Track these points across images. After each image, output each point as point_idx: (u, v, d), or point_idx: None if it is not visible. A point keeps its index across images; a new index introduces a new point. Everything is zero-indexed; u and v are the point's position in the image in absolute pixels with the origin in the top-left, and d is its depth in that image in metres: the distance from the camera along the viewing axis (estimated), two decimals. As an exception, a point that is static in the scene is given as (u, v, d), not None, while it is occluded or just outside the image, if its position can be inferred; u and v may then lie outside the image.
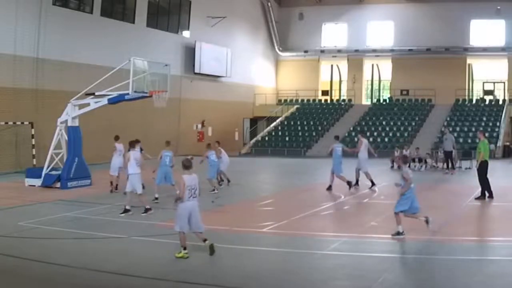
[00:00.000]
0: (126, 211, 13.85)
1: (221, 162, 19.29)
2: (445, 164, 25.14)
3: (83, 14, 28.19)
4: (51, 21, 25.72)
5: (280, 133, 39.74)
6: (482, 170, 16.11)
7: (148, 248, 10.51)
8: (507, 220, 13.13)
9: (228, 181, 19.85)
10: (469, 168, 24.85)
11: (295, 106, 43.43)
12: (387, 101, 43.21)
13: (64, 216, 13.63)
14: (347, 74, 45.17)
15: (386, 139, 36.31)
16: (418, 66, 41.42)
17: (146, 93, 18.92)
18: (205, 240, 9.91)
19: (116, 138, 18.54)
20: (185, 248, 9.69)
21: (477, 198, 16.07)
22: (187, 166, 9.81)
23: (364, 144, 19.68)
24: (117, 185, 17.96)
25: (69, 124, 19.24)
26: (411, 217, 11.41)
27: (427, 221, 11.42)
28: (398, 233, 11.07)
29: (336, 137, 20.54)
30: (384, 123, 38.75)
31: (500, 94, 41.28)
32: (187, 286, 8.25)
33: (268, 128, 40.81)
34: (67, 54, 26.68)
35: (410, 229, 12.34)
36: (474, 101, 40.88)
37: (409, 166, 26.35)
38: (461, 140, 33.23)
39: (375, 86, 45.67)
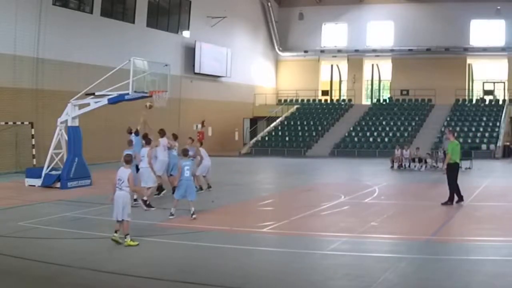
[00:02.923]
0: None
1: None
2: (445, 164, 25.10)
3: (83, 14, 28.18)
4: (51, 21, 25.72)
5: (280, 133, 39.74)
6: (451, 173, 15.07)
7: (148, 248, 10.50)
8: (507, 220, 13.12)
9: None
10: (469, 168, 24.84)
11: (295, 106, 43.44)
12: (387, 101, 43.22)
13: (64, 216, 13.63)
14: (347, 74, 45.18)
15: (386, 139, 36.31)
16: (418, 66, 41.43)
17: (146, 93, 18.90)
18: (116, 231, 10.61)
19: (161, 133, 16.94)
20: (116, 232, 10.58)
21: (443, 204, 14.90)
22: (126, 160, 11.01)
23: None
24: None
25: (69, 124, 19.23)
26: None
27: (192, 214, 13.00)
28: (171, 214, 13.11)
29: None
30: (384, 123, 38.76)
31: (500, 94, 41.30)
32: (187, 286, 8.25)
33: (268, 128, 40.81)
34: (67, 54, 26.68)
35: (410, 230, 12.38)
36: (474, 101, 40.90)
37: (409, 166, 26.56)
38: (461, 140, 33.13)
39: (375, 86, 45.68)
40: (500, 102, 39.50)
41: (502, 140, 34.21)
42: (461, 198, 15.07)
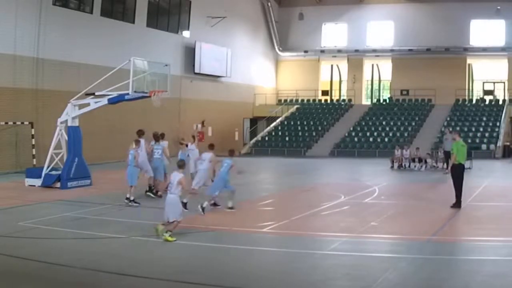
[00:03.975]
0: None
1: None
2: (445, 164, 25.13)
3: (83, 14, 28.17)
4: (51, 21, 25.71)
5: (280, 133, 39.73)
6: (455, 175, 14.73)
7: (148, 248, 10.50)
8: (507, 220, 13.13)
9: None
10: (469, 168, 24.80)
11: (295, 106, 43.43)
12: (387, 101, 43.21)
13: (64, 216, 13.62)
14: (347, 74, 45.16)
15: (386, 139, 36.30)
16: (418, 66, 41.40)
17: (146, 93, 18.90)
18: (156, 230, 10.90)
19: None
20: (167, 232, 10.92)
21: (452, 206, 14.70)
22: (179, 165, 11.52)
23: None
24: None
25: (69, 124, 19.22)
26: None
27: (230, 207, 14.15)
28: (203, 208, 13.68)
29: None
30: (384, 123, 38.75)
31: (500, 94, 41.29)
32: (187, 286, 8.25)
33: (268, 128, 40.79)
34: (67, 54, 26.67)
35: (410, 230, 12.38)
36: (474, 101, 40.89)
37: (409, 166, 26.56)
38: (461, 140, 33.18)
39: (375, 86, 45.67)
40: (500, 102, 39.48)
41: (502, 140, 34.20)
42: (459, 203, 14.67)
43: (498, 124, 36.02)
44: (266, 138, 39.35)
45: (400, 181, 22.79)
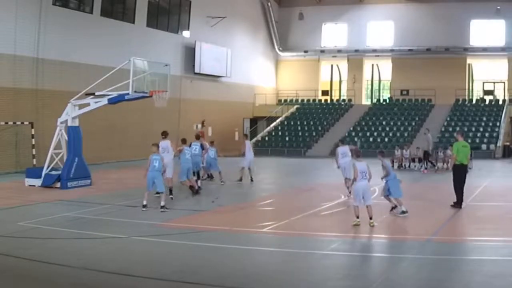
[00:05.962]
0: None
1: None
2: (445, 164, 25.17)
3: (83, 14, 28.16)
4: (51, 21, 25.70)
5: (280, 133, 39.75)
6: (455, 175, 14.79)
7: (148, 248, 10.50)
8: (507, 220, 13.13)
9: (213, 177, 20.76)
10: (469, 168, 24.79)
11: (295, 106, 43.44)
12: (387, 101, 43.20)
13: (64, 216, 13.62)
14: (347, 74, 45.16)
15: (386, 139, 36.32)
16: (418, 66, 41.41)
17: (146, 93, 18.92)
18: (370, 218, 12.07)
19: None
20: (357, 217, 12.16)
21: (452, 205, 14.73)
22: (358, 155, 12.85)
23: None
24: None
25: (69, 124, 19.23)
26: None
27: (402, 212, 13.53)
28: (403, 212, 13.42)
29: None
30: (384, 123, 38.75)
31: (500, 94, 41.29)
32: (187, 286, 8.25)
33: (268, 128, 40.81)
34: (67, 54, 26.66)
35: (410, 230, 12.38)
36: (474, 101, 40.88)
37: (409, 166, 26.60)
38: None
39: (375, 86, 45.66)
40: (500, 102, 39.48)
41: (502, 140, 34.20)
42: (459, 203, 14.69)
43: (498, 124, 36.02)
44: (266, 138, 39.37)
45: (400, 181, 22.74)
